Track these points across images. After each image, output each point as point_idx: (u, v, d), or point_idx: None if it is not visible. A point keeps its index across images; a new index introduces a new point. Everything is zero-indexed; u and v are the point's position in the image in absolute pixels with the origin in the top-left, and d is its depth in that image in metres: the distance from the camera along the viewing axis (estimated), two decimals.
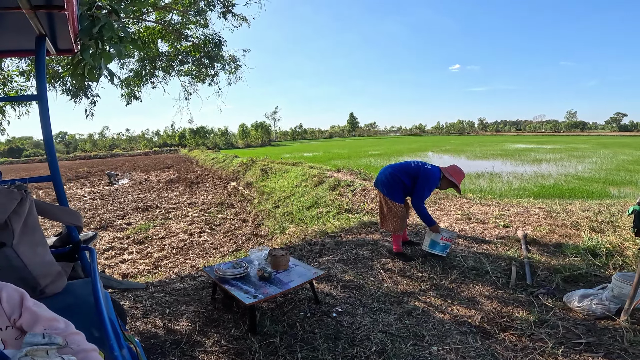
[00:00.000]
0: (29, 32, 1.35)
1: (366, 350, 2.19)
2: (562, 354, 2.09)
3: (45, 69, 1.41)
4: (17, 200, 1.10)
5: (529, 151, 23.96)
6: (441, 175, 3.52)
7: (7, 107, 6.28)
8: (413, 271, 3.31)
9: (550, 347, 2.14)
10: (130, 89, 7.32)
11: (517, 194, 8.71)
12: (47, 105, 1.37)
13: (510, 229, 4.34)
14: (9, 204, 1.08)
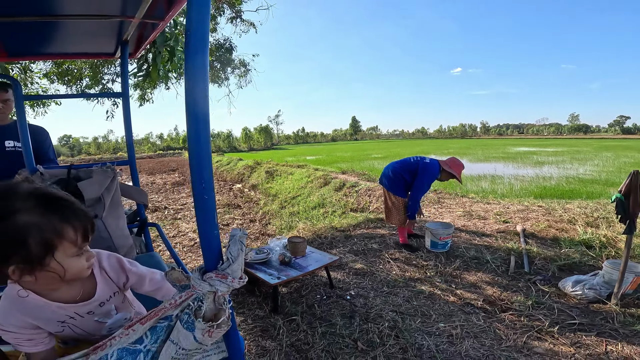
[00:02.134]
0: (109, 38, 1.62)
1: (379, 326, 2.43)
2: (558, 332, 2.33)
3: (128, 70, 1.69)
4: (110, 178, 1.35)
5: (531, 154, 24.15)
6: (440, 168, 3.73)
7: (27, 106, 6.58)
8: (419, 260, 3.55)
9: (547, 326, 2.38)
10: (143, 91, 7.62)
11: (518, 195, 8.92)
12: (128, 101, 1.64)
13: (510, 224, 4.58)
14: (104, 180, 1.33)
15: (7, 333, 0.82)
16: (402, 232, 3.98)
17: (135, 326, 0.70)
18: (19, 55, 1.81)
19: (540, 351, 2.14)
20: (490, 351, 2.14)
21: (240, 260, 0.67)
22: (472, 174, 12.99)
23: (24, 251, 0.71)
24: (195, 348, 0.68)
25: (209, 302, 0.65)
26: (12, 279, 0.75)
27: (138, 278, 1.00)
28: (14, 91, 1.49)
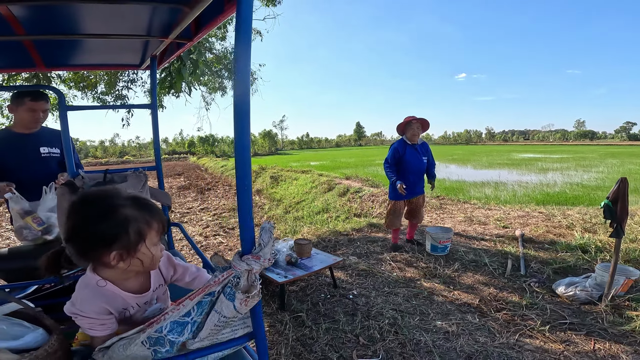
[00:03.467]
0: (139, 52, 1.81)
1: (380, 323, 2.58)
2: (549, 330, 2.46)
3: (156, 83, 1.88)
4: (142, 181, 1.54)
5: (536, 160, 24.14)
6: (403, 135, 4.01)
7: None
8: (419, 263, 3.70)
9: (539, 325, 2.51)
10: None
11: (521, 201, 9.02)
12: (157, 112, 1.84)
13: (510, 229, 4.71)
14: (137, 184, 1.51)
15: (84, 319, 0.94)
16: (393, 233, 4.21)
17: (185, 302, 0.86)
18: (54, 66, 2.01)
19: (531, 348, 2.27)
20: (484, 347, 2.28)
21: (270, 245, 0.84)
22: (476, 180, 13.07)
23: (125, 238, 0.91)
24: (233, 316, 0.85)
25: (244, 278, 0.82)
26: (110, 266, 0.93)
27: (182, 271, 1.17)
28: (58, 101, 1.68)
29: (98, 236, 0.90)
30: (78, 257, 0.96)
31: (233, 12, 1.15)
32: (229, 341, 0.94)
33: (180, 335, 0.87)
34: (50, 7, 1.16)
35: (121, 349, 0.88)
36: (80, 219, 0.91)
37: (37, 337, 0.92)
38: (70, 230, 0.92)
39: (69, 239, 0.93)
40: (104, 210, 0.91)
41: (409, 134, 3.92)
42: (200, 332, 0.86)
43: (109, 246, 0.90)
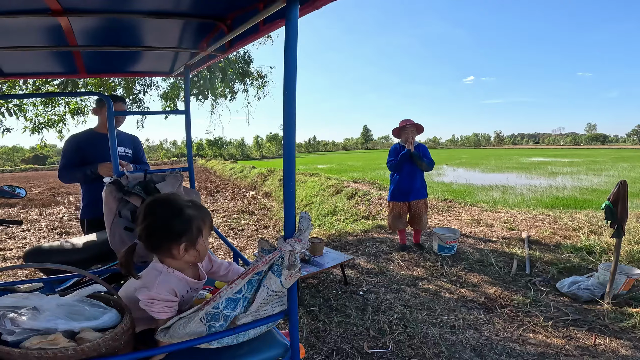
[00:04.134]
0: (174, 62, 2.00)
1: (389, 317, 2.72)
2: (552, 326, 2.58)
3: (189, 90, 2.08)
4: (179, 181, 1.72)
5: (546, 164, 23.98)
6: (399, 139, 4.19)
7: (67, 115, 7.09)
8: (426, 262, 3.83)
9: (542, 321, 2.63)
10: (170, 102, 8.10)
11: (529, 205, 9.05)
12: (189, 118, 2.03)
13: (516, 231, 4.81)
14: (175, 183, 1.70)
15: (159, 302, 1.09)
16: (399, 235, 4.37)
17: (237, 281, 1.02)
18: (93, 73, 2.20)
19: (534, 342, 2.39)
20: (489, 340, 2.41)
21: (308, 230, 1.01)
22: (484, 184, 13.10)
23: (189, 232, 1.12)
24: (279, 290, 1.01)
25: (287, 258, 0.99)
26: (176, 257, 1.12)
27: (218, 266, 1.37)
28: (107, 107, 1.88)
29: (171, 231, 1.10)
30: (151, 251, 1.15)
31: (268, 32, 1.32)
32: (268, 317, 1.10)
33: (234, 310, 1.03)
34: (100, 20, 1.33)
35: (181, 327, 1.02)
36: (157, 219, 1.12)
37: (112, 317, 1.06)
38: (147, 228, 1.12)
39: (147, 236, 1.12)
40: (174, 211, 1.13)
41: (403, 138, 4.09)
42: (250, 306, 1.03)
43: (178, 239, 1.11)
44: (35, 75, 2.39)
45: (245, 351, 1.16)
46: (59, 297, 1.06)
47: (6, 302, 1.01)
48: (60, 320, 0.98)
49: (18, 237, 6.44)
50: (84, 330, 0.98)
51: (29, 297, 1.05)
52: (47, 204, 10.72)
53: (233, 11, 1.37)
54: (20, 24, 1.28)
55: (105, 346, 0.93)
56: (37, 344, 0.90)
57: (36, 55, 1.83)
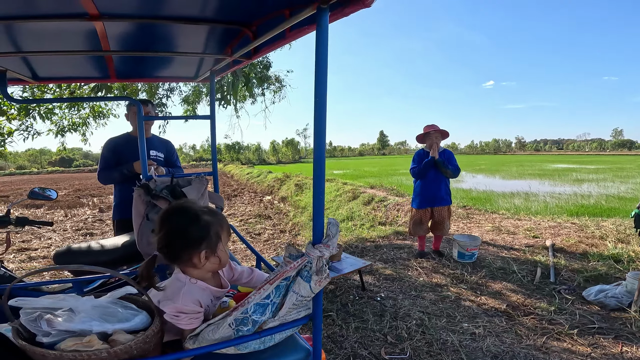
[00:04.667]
0: (199, 67, 2.06)
1: (407, 324, 2.69)
2: (577, 334, 2.49)
3: (215, 96, 2.14)
4: (204, 185, 1.77)
5: (570, 171, 23.19)
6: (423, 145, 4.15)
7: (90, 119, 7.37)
8: (445, 269, 3.77)
9: (567, 329, 2.55)
10: (191, 106, 8.29)
11: (553, 212, 8.77)
12: (214, 123, 2.09)
13: (540, 239, 4.67)
14: (201, 187, 1.75)
15: (186, 315, 1.06)
16: (418, 241, 4.31)
17: (265, 287, 1.02)
18: (123, 78, 2.30)
19: (558, 350, 2.32)
20: (511, 348, 2.34)
21: (336, 236, 1.02)
22: (505, 190, 12.78)
23: (208, 238, 1.10)
24: (308, 295, 1.02)
25: (315, 263, 1.00)
26: (197, 266, 1.11)
27: (239, 274, 1.34)
28: (137, 111, 1.95)
29: (190, 239, 1.09)
30: (172, 260, 1.13)
31: (294, 38, 1.35)
32: (293, 321, 1.10)
33: (263, 315, 1.03)
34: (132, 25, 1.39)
35: (210, 333, 1.03)
36: (175, 226, 1.10)
37: (143, 320, 1.06)
38: (166, 237, 1.10)
39: (166, 245, 1.10)
40: (190, 218, 1.11)
41: (428, 144, 4.03)
42: (279, 311, 1.04)
43: (198, 246, 1.09)
44: (68, 79, 2.50)
45: (268, 355, 1.16)
46: (93, 299, 1.07)
47: (43, 303, 1.02)
48: (95, 322, 0.99)
49: (44, 237, 6.67)
50: (117, 332, 0.99)
51: (66, 298, 1.05)
52: (72, 205, 11.11)
53: (258, 18, 1.41)
54: (56, 29, 1.34)
55: (137, 348, 0.94)
56: (72, 345, 0.91)
57: (69, 60, 1.92)
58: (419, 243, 4.27)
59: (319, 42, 0.92)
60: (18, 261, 5.01)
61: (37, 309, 0.99)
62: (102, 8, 1.16)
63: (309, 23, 1.17)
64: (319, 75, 0.93)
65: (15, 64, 1.76)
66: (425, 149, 4.10)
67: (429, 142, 4.02)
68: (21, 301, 1.00)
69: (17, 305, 0.99)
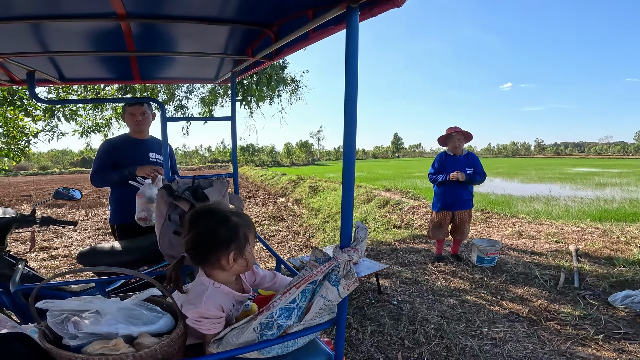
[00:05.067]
0: (220, 68, 2.07)
1: (425, 328, 2.64)
2: (602, 339, 2.41)
3: (235, 97, 2.16)
4: (225, 187, 1.79)
5: (592, 175, 22.46)
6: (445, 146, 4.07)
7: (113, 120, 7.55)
8: (464, 273, 3.69)
9: (592, 334, 2.47)
10: (208, 107, 8.41)
11: (575, 217, 8.50)
12: (235, 124, 2.11)
13: (563, 244, 4.53)
14: (222, 189, 1.76)
15: (208, 320, 1.05)
16: (437, 244, 4.22)
17: (291, 290, 1.00)
18: (146, 79, 2.33)
19: (583, 355, 2.24)
20: (533, 354, 2.27)
21: (365, 240, 1.00)
22: (524, 194, 12.48)
23: (237, 240, 1.09)
24: (336, 300, 0.99)
25: (343, 267, 0.98)
26: (224, 268, 1.10)
27: (262, 278, 1.33)
28: (160, 113, 1.98)
29: (219, 240, 1.08)
30: (199, 262, 1.13)
31: (319, 39, 1.34)
32: (317, 325, 1.08)
33: (288, 320, 1.01)
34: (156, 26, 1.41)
35: (234, 337, 1.01)
36: (204, 228, 1.09)
37: (168, 322, 1.05)
38: (194, 238, 1.09)
39: (195, 246, 1.10)
40: (220, 219, 1.11)
41: (450, 146, 3.95)
42: (305, 315, 1.02)
43: (227, 248, 1.08)
44: (93, 80, 2.56)
45: (290, 359, 1.14)
46: (119, 301, 1.07)
47: (70, 306, 1.00)
48: (121, 324, 0.98)
49: (65, 236, 6.85)
50: (142, 335, 0.98)
51: (93, 300, 1.04)
52: (92, 205, 11.41)
53: (280, 18, 1.41)
54: (84, 29, 1.37)
55: (162, 352, 0.93)
56: (98, 349, 0.91)
57: (95, 61, 1.97)
58: (437, 247, 4.20)
59: (349, 42, 0.91)
60: (40, 260, 5.15)
61: (65, 311, 0.98)
62: (129, 7, 1.17)
63: (334, 23, 1.16)
64: (349, 76, 0.91)
65: (43, 65, 1.81)
66: (448, 152, 4.00)
67: (451, 144, 3.94)
68: (49, 303, 0.99)
69: (45, 308, 0.99)
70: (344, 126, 0.93)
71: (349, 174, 0.96)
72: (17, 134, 5.45)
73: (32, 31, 1.36)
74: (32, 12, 1.18)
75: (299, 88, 8.99)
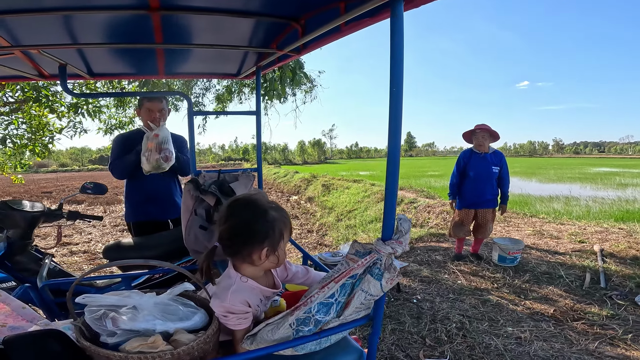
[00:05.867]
0: (244, 62, 2.06)
1: (447, 326, 2.60)
2: (631, 339, 2.34)
3: (260, 90, 2.16)
4: (251, 181, 1.80)
5: (613, 175, 21.77)
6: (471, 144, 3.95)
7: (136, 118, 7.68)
8: (485, 272, 3.62)
9: (621, 334, 2.40)
10: (222, 104, 8.49)
11: (597, 217, 8.26)
12: (260, 118, 2.11)
13: (587, 244, 4.40)
14: (248, 183, 1.78)
15: (234, 315, 1.02)
16: (457, 242, 4.15)
17: (330, 285, 0.97)
18: (170, 74, 2.34)
19: (612, 355, 2.18)
20: (560, 353, 2.22)
21: (409, 232, 0.97)
22: (543, 194, 12.19)
23: (272, 236, 1.04)
24: (378, 294, 0.96)
25: (385, 260, 0.95)
26: (255, 263, 1.06)
27: (294, 274, 1.29)
28: (187, 107, 1.99)
29: (254, 234, 1.04)
30: (231, 254, 1.09)
31: (351, 32, 1.31)
32: (353, 321, 1.04)
33: (327, 315, 0.97)
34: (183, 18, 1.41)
35: (269, 334, 0.98)
36: (241, 219, 1.05)
37: (202, 318, 1.03)
38: (230, 230, 1.06)
39: (229, 238, 1.06)
40: (258, 212, 1.06)
41: (475, 143, 3.88)
42: (345, 310, 0.99)
43: (261, 243, 1.03)
44: (121, 75, 2.58)
45: (321, 356, 1.12)
46: (155, 296, 1.04)
47: (109, 301, 0.98)
48: (158, 320, 0.96)
49: (84, 232, 7.00)
50: (178, 332, 0.96)
51: (130, 295, 1.02)
52: (110, 202, 11.67)
53: (308, 11, 1.39)
54: (114, 21, 1.38)
55: (198, 349, 0.91)
56: (137, 346, 0.88)
57: (122, 56, 2.00)
58: (457, 245, 4.13)
59: (394, 32, 0.88)
60: (60, 255, 5.27)
61: (103, 307, 0.96)
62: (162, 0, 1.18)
63: (370, 15, 1.13)
64: (395, 68, 0.89)
65: (74, 59, 1.84)
66: (474, 149, 3.91)
67: (475, 142, 3.85)
68: (88, 298, 0.97)
69: (84, 303, 0.96)
70: (389, 117, 0.91)
71: (394, 166, 0.93)
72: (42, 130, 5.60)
73: (65, 23, 1.37)
74: (65, 4, 1.19)
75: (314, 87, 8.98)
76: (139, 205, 2.59)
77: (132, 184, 2.62)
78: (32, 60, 1.86)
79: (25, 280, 1.96)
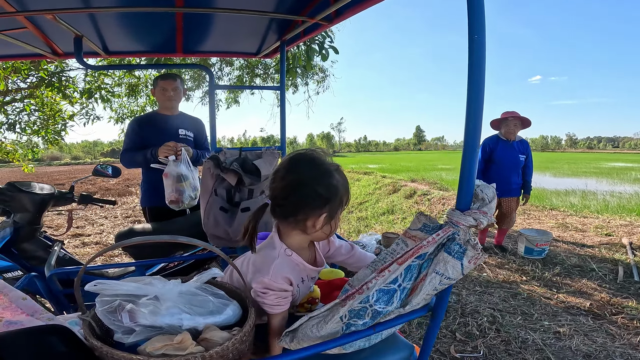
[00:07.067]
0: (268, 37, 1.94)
1: (478, 320, 2.47)
2: None
3: (285, 66, 2.04)
4: (276, 159, 1.67)
5: (629, 170, 21.23)
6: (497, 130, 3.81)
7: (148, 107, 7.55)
8: (512, 264, 3.48)
9: None
10: (233, 94, 8.37)
11: (615, 212, 8.01)
12: (284, 94, 2.00)
13: (614, 237, 4.22)
14: (273, 161, 1.65)
15: (274, 293, 0.89)
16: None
17: (392, 267, 0.79)
18: (188, 52, 2.22)
19: None
20: (604, 347, 2.09)
21: (494, 201, 0.80)
22: (558, 188, 11.90)
23: (334, 202, 0.89)
24: (456, 277, 0.77)
25: (463, 235, 0.77)
26: (311, 231, 0.91)
27: (337, 249, 1.13)
28: (209, 80, 1.86)
29: (317, 196, 0.88)
30: (282, 217, 0.94)
31: None
32: (410, 312, 0.86)
33: (389, 304, 0.80)
34: None
35: (314, 329, 0.80)
36: (303, 177, 0.90)
37: (235, 311, 0.88)
38: (288, 188, 0.90)
39: (285, 197, 0.91)
40: (324, 172, 0.90)
41: (504, 130, 3.70)
42: (414, 298, 0.80)
43: (321, 207, 0.88)
44: (137, 53, 2.47)
45: (368, 354, 0.97)
46: (180, 284, 0.88)
47: (126, 289, 0.80)
48: (185, 314, 0.80)
49: (96, 223, 6.95)
50: (208, 329, 0.80)
51: (152, 282, 0.85)
52: (122, 193, 11.70)
53: None
54: None
55: (233, 350, 0.75)
56: (160, 348, 0.72)
57: (140, 32, 1.89)
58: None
59: None
60: (72, 247, 5.22)
61: (118, 296, 0.78)
62: None
63: None
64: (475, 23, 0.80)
65: (90, 32, 1.73)
66: (500, 136, 3.74)
67: (505, 128, 3.68)
68: (101, 285, 0.78)
69: (95, 291, 0.78)
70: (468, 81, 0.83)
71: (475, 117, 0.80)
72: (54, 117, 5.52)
73: None
74: None
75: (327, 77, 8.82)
76: (155, 190, 2.46)
77: (146, 168, 2.53)
78: (45, 36, 1.76)
79: (32, 269, 1.80)
